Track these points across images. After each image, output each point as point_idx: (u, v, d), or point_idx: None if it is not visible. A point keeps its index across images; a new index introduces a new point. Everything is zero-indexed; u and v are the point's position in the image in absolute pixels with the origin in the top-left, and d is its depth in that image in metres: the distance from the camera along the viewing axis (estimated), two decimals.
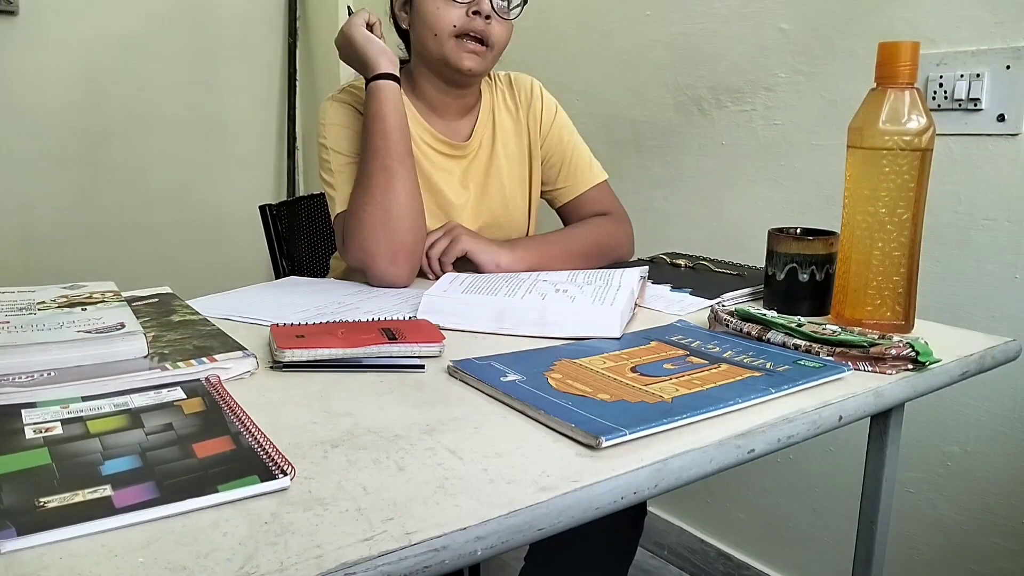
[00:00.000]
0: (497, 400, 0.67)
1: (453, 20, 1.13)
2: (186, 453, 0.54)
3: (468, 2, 1.13)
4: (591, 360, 0.76)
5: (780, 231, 0.98)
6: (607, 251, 1.25)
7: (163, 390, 0.65)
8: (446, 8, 1.13)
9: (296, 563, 0.42)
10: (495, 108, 1.30)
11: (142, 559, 0.42)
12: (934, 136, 0.85)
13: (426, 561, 0.45)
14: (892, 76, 0.85)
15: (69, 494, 0.47)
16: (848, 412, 0.69)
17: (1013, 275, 1.28)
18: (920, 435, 1.43)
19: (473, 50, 1.15)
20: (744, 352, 0.79)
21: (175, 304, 0.90)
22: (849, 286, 0.89)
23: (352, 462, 0.55)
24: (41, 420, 0.58)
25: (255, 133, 2.67)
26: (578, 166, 1.32)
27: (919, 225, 0.87)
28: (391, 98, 1.09)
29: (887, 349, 0.75)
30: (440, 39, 1.14)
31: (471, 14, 1.13)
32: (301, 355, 0.74)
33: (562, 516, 0.51)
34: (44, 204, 2.30)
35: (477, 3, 1.13)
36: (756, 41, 1.60)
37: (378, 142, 1.08)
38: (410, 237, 1.09)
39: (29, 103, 2.23)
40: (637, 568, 1.92)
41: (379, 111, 1.08)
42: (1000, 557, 1.36)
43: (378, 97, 1.09)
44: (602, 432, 0.57)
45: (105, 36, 2.32)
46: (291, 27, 2.67)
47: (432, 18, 1.14)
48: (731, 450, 0.60)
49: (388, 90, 1.09)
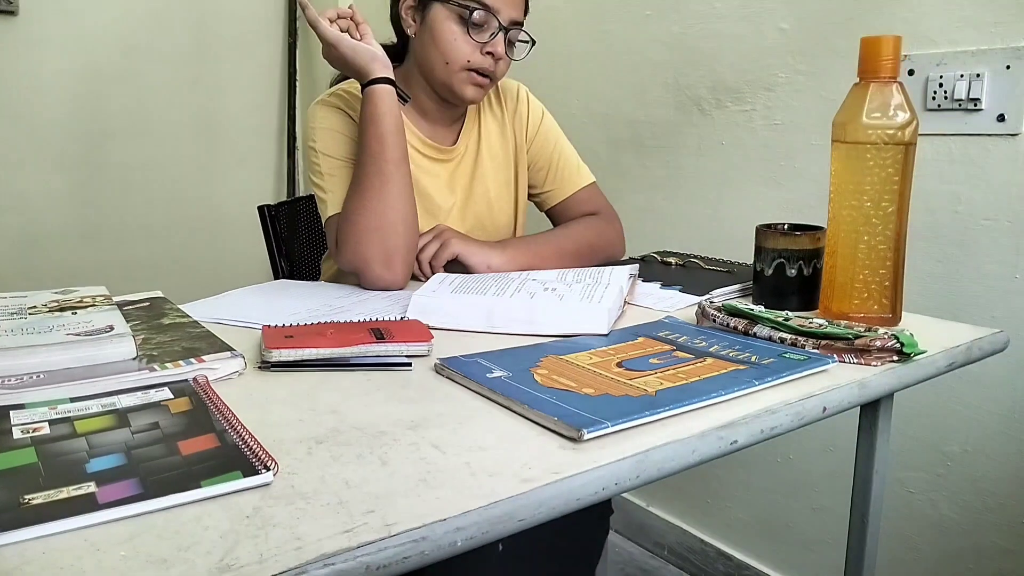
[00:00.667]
0: (483, 396, 0.68)
1: (467, 55, 1.15)
2: (171, 451, 0.54)
3: (484, 42, 1.15)
4: (578, 356, 0.76)
5: (768, 227, 0.98)
6: (598, 250, 1.25)
7: (151, 391, 0.65)
8: (463, 42, 1.14)
9: (276, 555, 0.43)
10: (481, 113, 1.31)
11: (124, 553, 0.43)
12: (917, 130, 0.86)
13: (406, 552, 0.45)
14: (875, 70, 0.86)
15: (54, 491, 0.48)
16: (832, 403, 0.69)
17: (1013, 275, 1.28)
18: (920, 435, 1.43)
19: (479, 83, 1.17)
20: (730, 346, 0.79)
21: (166, 308, 0.91)
22: (836, 280, 0.90)
23: (336, 457, 0.55)
24: (29, 421, 0.59)
25: (255, 133, 2.68)
26: (565, 169, 1.33)
27: (904, 219, 0.88)
28: (387, 102, 1.09)
29: (872, 341, 0.76)
30: (450, 69, 1.16)
31: (484, 53, 1.15)
32: (289, 355, 0.74)
33: (542, 507, 0.51)
34: (44, 204, 2.31)
35: (492, 45, 1.15)
36: (756, 41, 1.60)
37: (374, 146, 1.08)
38: (404, 241, 1.09)
39: (29, 103, 2.25)
40: (637, 568, 1.92)
41: (375, 115, 1.08)
42: (1000, 557, 1.35)
43: (374, 101, 1.09)
44: (584, 425, 0.58)
45: (105, 36, 2.34)
46: (291, 27, 2.68)
47: (447, 47, 1.15)
48: (714, 441, 0.61)
49: (385, 94, 1.09)
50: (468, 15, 1.13)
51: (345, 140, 1.16)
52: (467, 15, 1.13)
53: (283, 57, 2.70)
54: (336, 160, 1.16)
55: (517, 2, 1.17)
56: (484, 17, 1.14)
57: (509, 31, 1.16)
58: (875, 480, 0.97)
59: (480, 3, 1.13)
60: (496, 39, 1.15)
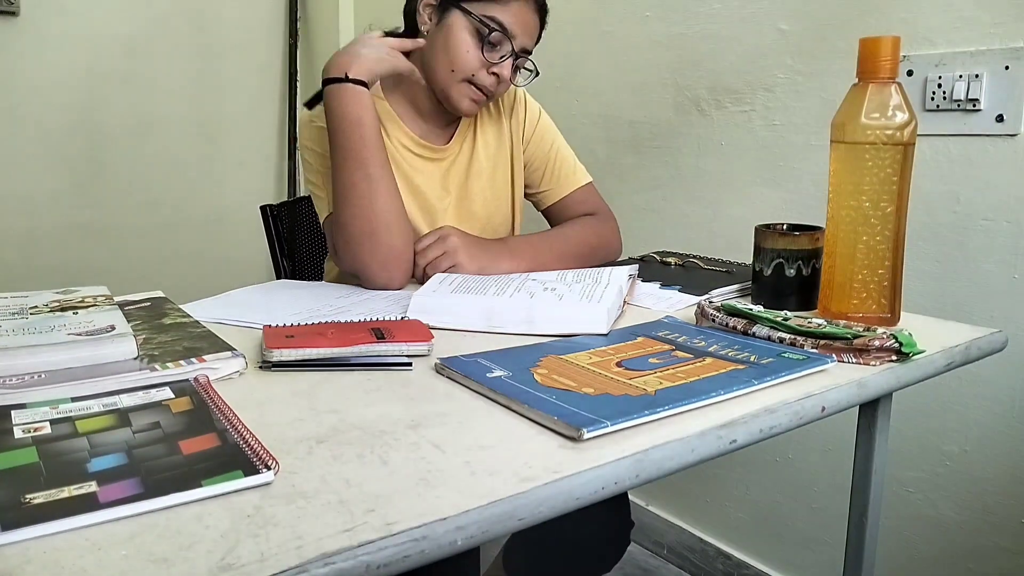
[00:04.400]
0: (483, 396, 0.68)
1: (474, 69, 1.15)
2: (172, 450, 0.54)
3: (494, 63, 1.15)
4: (577, 356, 0.77)
5: (767, 227, 0.99)
6: (597, 251, 1.26)
7: (152, 390, 0.66)
8: (474, 56, 1.14)
9: (277, 554, 0.43)
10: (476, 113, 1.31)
11: (125, 552, 0.43)
12: (916, 130, 0.86)
13: (406, 551, 0.45)
14: (873, 71, 0.86)
15: (55, 490, 0.48)
16: (831, 403, 0.69)
17: (1012, 275, 1.29)
18: (919, 435, 1.43)
19: (476, 98, 1.18)
20: (729, 346, 0.79)
21: (167, 308, 0.91)
22: (835, 280, 0.90)
23: (336, 457, 0.55)
24: (30, 420, 0.59)
25: (255, 133, 2.69)
26: (562, 169, 1.33)
27: (903, 219, 0.88)
28: (367, 104, 1.08)
29: (871, 341, 0.76)
30: (454, 76, 1.16)
31: (490, 72, 1.16)
32: (289, 355, 0.74)
33: (542, 506, 0.51)
34: (45, 204, 2.31)
35: (500, 67, 1.15)
36: (755, 42, 1.61)
37: (358, 148, 1.07)
38: (398, 242, 1.09)
39: (30, 104, 2.25)
40: (637, 567, 1.93)
41: (360, 117, 1.07)
42: (999, 557, 1.36)
43: (356, 100, 1.07)
44: (584, 424, 0.58)
45: (106, 37, 2.34)
46: (291, 27, 2.69)
47: (457, 55, 1.14)
48: (713, 440, 0.61)
49: (363, 95, 1.08)
50: (487, 33, 1.13)
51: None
52: (485, 33, 1.13)
53: (283, 57, 2.71)
54: (329, 158, 1.17)
55: (534, 32, 1.18)
56: (500, 38, 1.14)
57: (519, 57, 1.17)
58: (874, 479, 0.97)
59: (500, 25, 1.13)
60: (505, 62, 1.15)
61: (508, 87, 1.21)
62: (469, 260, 1.11)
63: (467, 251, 1.12)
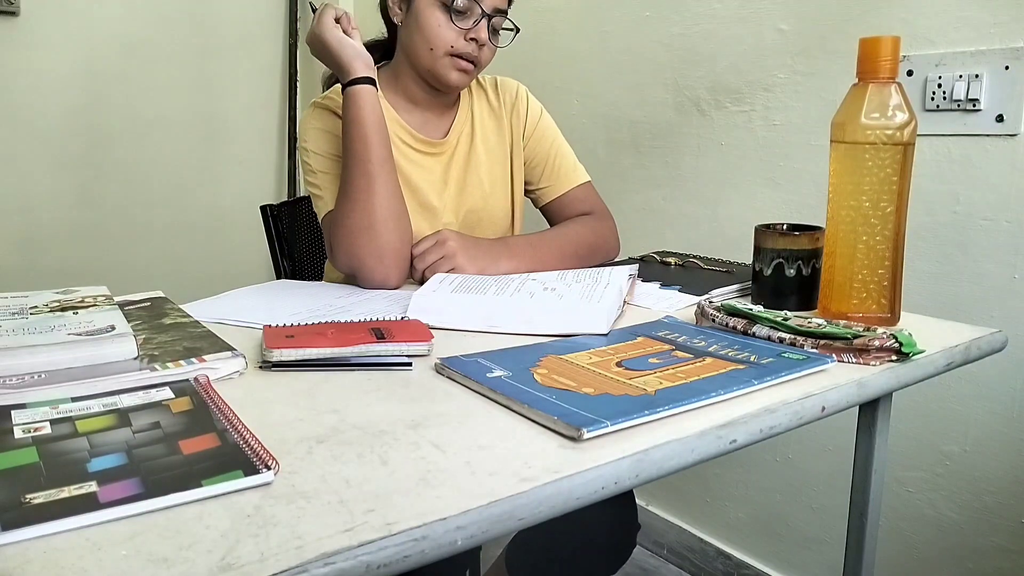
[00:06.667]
0: (483, 396, 0.68)
1: (451, 41, 1.16)
2: (172, 450, 0.54)
3: (468, 28, 1.16)
4: (577, 356, 0.77)
5: (767, 227, 0.99)
6: (596, 250, 1.26)
7: (152, 390, 0.66)
8: (447, 28, 1.16)
9: (277, 553, 0.43)
10: (474, 107, 1.32)
11: (125, 552, 0.43)
12: (916, 130, 0.86)
13: (406, 551, 0.45)
14: (873, 71, 0.86)
15: (55, 490, 0.48)
16: (831, 403, 0.69)
17: (1012, 275, 1.29)
18: (919, 435, 1.43)
19: (463, 68, 1.19)
20: (729, 346, 0.79)
21: (167, 308, 0.91)
22: (835, 280, 0.90)
23: (336, 457, 0.55)
24: (30, 420, 0.59)
25: (255, 133, 2.68)
26: (561, 166, 1.34)
27: (903, 219, 0.88)
28: (369, 102, 1.10)
29: (870, 341, 0.76)
30: (434, 55, 1.18)
31: (468, 39, 1.17)
32: (289, 355, 0.74)
33: (542, 506, 0.51)
34: (45, 205, 2.31)
35: (476, 31, 1.17)
36: (755, 42, 1.61)
37: (358, 147, 1.09)
38: (396, 238, 1.10)
39: (30, 104, 2.25)
40: (637, 567, 1.93)
41: (358, 116, 1.09)
42: (999, 557, 1.36)
43: (356, 103, 1.09)
44: (584, 424, 0.58)
45: (106, 37, 2.34)
46: (291, 27, 2.68)
47: (431, 33, 1.16)
48: (713, 440, 0.61)
49: (366, 94, 1.10)
50: (451, 2, 1.15)
51: (335, 139, 1.18)
52: (450, 2, 1.15)
53: (283, 57, 2.71)
54: (328, 159, 1.18)
55: None
56: (467, 4, 1.16)
57: (492, 18, 1.18)
58: (874, 479, 0.97)
59: None
60: (479, 26, 1.17)
61: (493, 51, 1.22)
62: (468, 262, 1.11)
63: (466, 253, 1.12)
